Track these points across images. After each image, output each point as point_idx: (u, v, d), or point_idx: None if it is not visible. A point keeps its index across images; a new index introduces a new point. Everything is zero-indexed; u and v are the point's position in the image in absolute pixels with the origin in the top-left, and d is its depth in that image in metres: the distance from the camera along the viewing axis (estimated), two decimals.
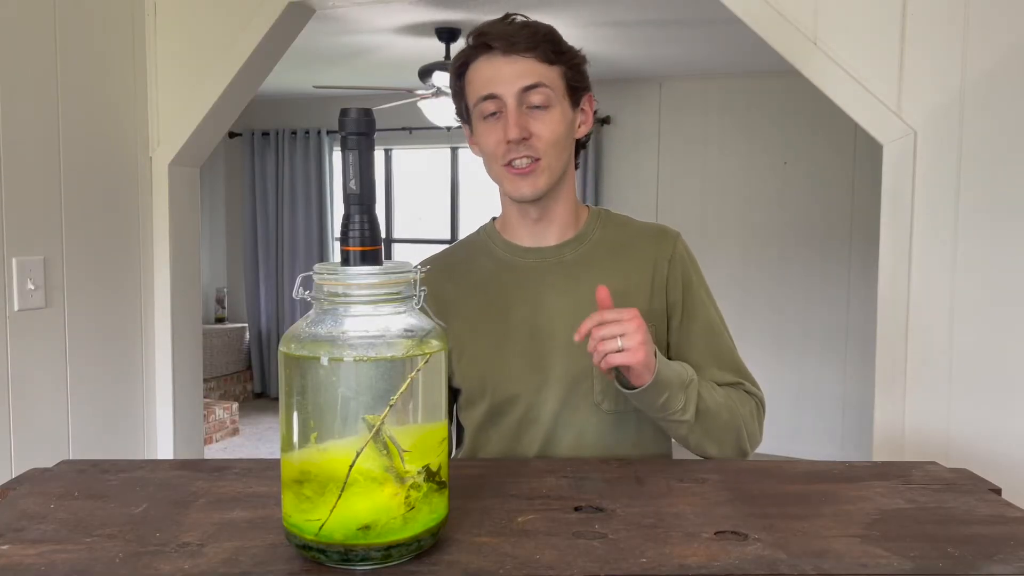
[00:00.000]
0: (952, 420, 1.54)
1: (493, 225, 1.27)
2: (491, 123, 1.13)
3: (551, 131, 1.12)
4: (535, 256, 1.20)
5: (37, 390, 1.74)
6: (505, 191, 1.17)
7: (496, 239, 1.24)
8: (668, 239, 1.22)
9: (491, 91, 1.11)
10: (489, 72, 1.12)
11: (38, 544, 0.74)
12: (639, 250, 1.21)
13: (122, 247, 1.99)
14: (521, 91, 1.10)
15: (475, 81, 1.14)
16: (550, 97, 1.12)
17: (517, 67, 1.10)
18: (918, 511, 0.84)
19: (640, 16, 3.73)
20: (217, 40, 1.99)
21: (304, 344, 0.70)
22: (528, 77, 1.10)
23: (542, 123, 1.11)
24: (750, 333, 5.04)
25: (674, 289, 1.20)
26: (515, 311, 1.17)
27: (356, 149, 0.72)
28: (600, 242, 1.22)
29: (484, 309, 1.19)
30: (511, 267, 1.21)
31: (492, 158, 1.15)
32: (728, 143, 5.07)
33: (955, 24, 1.50)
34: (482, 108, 1.13)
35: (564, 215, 1.20)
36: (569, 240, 1.21)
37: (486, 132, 1.14)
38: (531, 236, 1.21)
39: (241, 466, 0.97)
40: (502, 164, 1.13)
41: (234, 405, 5.35)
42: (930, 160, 1.53)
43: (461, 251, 1.28)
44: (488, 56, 1.12)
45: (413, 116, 5.16)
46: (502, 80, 1.11)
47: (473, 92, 1.14)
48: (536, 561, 0.71)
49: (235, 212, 6.39)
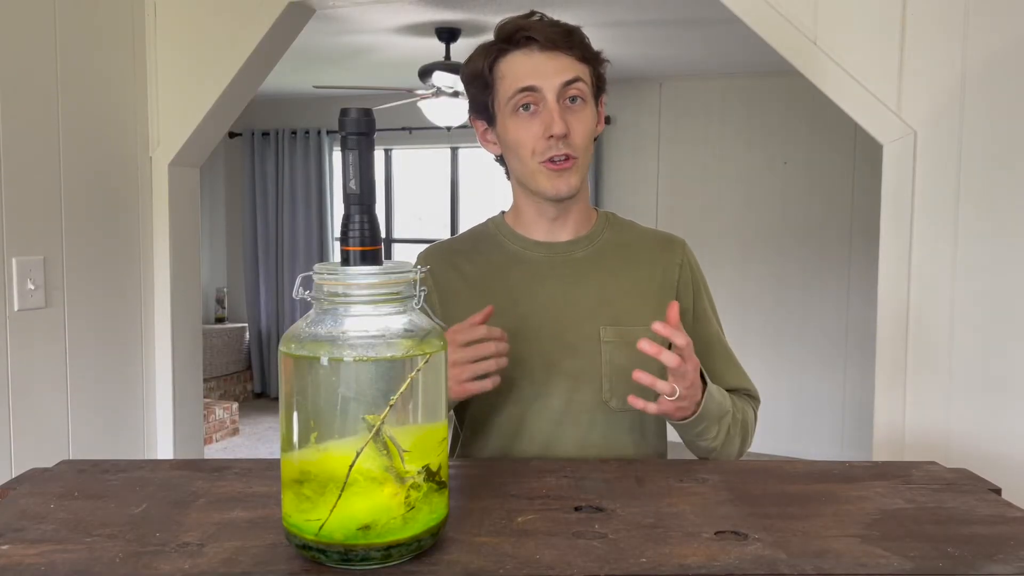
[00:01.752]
0: (952, 420, 1.54)
1: (503, 218, 1.26)
2: (526, 118, 1.12)
3: (586, 128, 1.13)
4: (546, 250, 1.20)
5: (37, 390, 1.74)
6: (539, 188, 1.14)
7: (506, 231, 1.23)
8: (677, 245, 1.25)
9: (531, 83, 1.10)
10: (529, 65, 1.11)
11: (38, 544, 0.74)
12: (647, 253, 1.22)
13: (122, 247, 1.99)
14: (562, 86, 1.10)
15: (511, 74, 1.12)
16: (584, 93, 1.13)
17: (557, 63, 1.11)
18: (918, 511, 0.84)
19: (640, 16, 3.73)
20: (217, 40, 1.99)
21: (304, 344, 0.70)
22: (568, 72, 1.11)
23: (578, 119, 1.12)
24: (750, 333, 5.04)
25: (685, 295, 1.21)
26: (523, 303, 1.17)
27: (356, 149, 0.72)
28: (610, 243, 1.22)
29: (490, 299, 1.18)
30: (521, 259, 1.21)
31: (526, 153, 1.13)
32: (728, 143, 5.07)
33: (955, 24, 1.50)
34: (518, 100, 1.11)
35: (579, 215, 1.21)
36: (581, 238, 1.21)
37: (520, 126, 1.12)
38: (545, 232, 1.21)
39: (241, 466, 0.97)
40: (540, 160, 1.12)
41: (234, 405, 5.35)
42: (930, 160, 1.53)
43: (467, 241, 1.27)
44: (526, 50, 1.11)
45: (413, 116, 5.16)
46: (543, 74, 1.10)
47: (508, 85, 1.12)
48: (536, 561, 0.71)
49: (235, 212, 6.39)
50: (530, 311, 1.17)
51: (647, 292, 1.19)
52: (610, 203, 5.28)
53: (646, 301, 1.17)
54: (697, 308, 1.23)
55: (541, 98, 1.11)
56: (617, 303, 1.17)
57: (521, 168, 1.16)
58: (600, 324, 1.15)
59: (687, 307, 1.21)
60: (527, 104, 1.11)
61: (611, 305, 1.17)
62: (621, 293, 1.18)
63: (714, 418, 1.08)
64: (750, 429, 1.19)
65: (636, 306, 1.17)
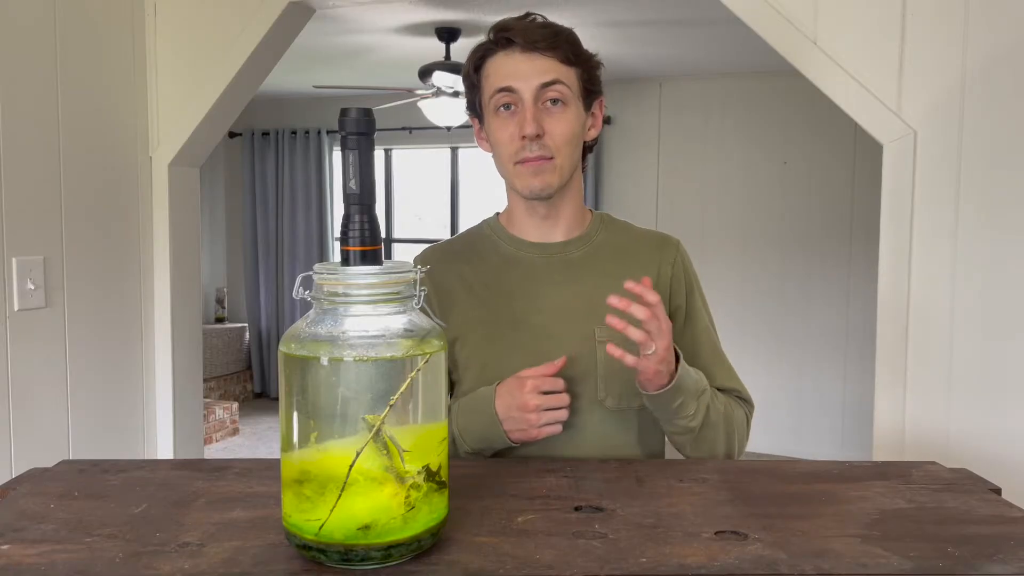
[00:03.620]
0: (952, 420, 1.54)
1: (497, 219, 1.27)
2: (505, 117, 1.14)
3: (565, 130, 1.13)
4: (540, 251, 1.21)
5: (37, 390, 1.74)
6: (515, 187, 1.17)
7: (501, 233, 1.24)
8: (670, 245, 1.25)
9: (508, 84, 1.12)
10: (508, 67, 1.13)
11: (38, 544, 0.74)
12: (642, 254, 1.23)
13: (122, 247, 1.99)
14: (539, 88, 1.11)
15: (492, 74, 1.14)
16: (566, 96, 1.13)
17: (536, 64, 1.12)
18: (918, 511, 0.84)
19: (640, 16, 3.73)
20: (217, 40, 1.99)
21: (304, 344, 0.70)
22: (546, 74, 1.11)
23: (556, 121, 1.13)
24: (750, 333, 5.04)
25: (678, 293, 1.22)
26: (518, 304, 1.18)
27: (356, 149, 0.72)
28: (604, 243, 1.23)
29: (486, 301, 1.19)
30: (515, 261, 1.21)
31: (504, 153, 1.15)
32: (728, 143, 5.07)
33: (955, 24, 1.50)
34: (497, 100, 1.13)
35: (571, 215, 1.22)
36: (575, 239, 1.22)
37: (499, 126, 1.15)
38: (538, 232, 1.22)
39: (241, 466, 0.97)
40: (514, 161, 1.14)
41: (234, 405, 5.35)
42: (930, 160, 1.53)
43: (463, 242, 1.28)
44: (508, 51, 1.13)
45: (413, 116, 5.15)
46: (520, 75, 1.12)
47: (490, 85, 1.15)
48: (536, 561, 0.71)
49: (235, 212, 6.38)
50: (525, 312, 1.17)
51: None
52: (610, 203, 5.28)
53: None
54: (689, 307, 1.23)
55: (519, 99, 1.12)
56: None
57: (501, 167, 1.18)
58: (595, 324, 1.15)
59: (679, 305, 1.22)
60: (507, 104, 1.13)
61: (605, 305, 1.17)
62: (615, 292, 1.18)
63: (691, 393, 1.08)
64: (737, 428, 1.18)
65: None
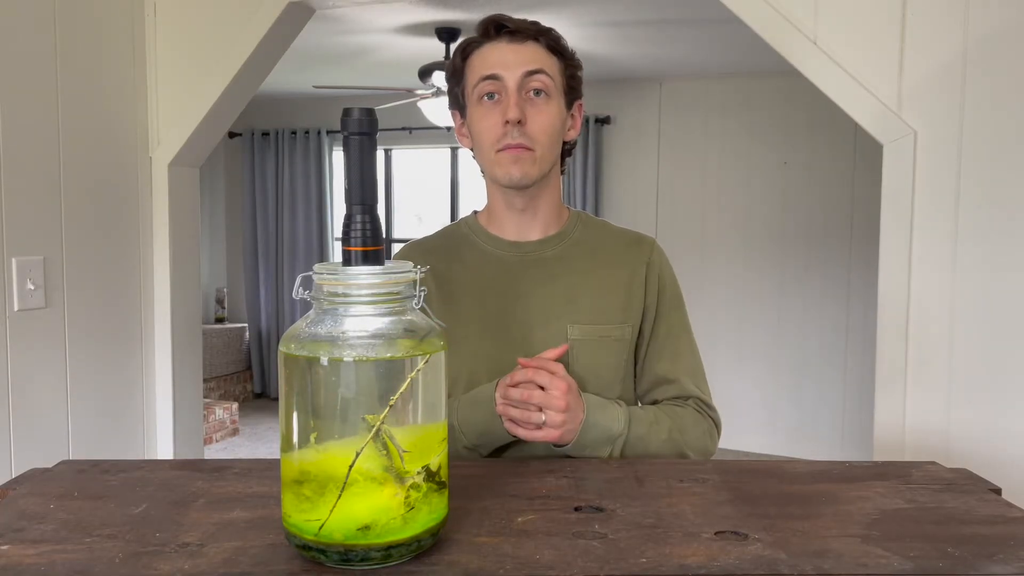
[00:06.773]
0: (952, 420, 1.54)
1: (475, 218, 1.28)
2: (488, 106, 1.14)
3: (546, 121, 1.13)
4: (516, 250, 1.21)
5: (37, 390, 1.74)
6: (495, 175, 1.17)
7: (478, 231, 1.25)
8: (645, 245, 1.25)
9: (494, 72, 1.13)
10: (494, 55, 1.14)
11: (38, 544, 0.74)
12: (616, 253, 1.23)
13: (122, 247, 1.99)
14: (523, 76, 1.12)
15: (478, 63, 1.15)
16: (549, 87, 1.14)
17: (521, 54, 1.13)
18: (918, 511, 0.84)
19: (640, 16, 3.73)
20: (217, 40, 1.99)
21: (304, 344, 0.70)
22: (531, 63, 1.12)
23: (539, 111, 1.13)
24: (750, 333, 5.05)
25: (650, 293, 1.22)
26: (494, 303, 1.19)
27: (359, 149, 0.72)
28: (580, 242, 1.23)
29: (462, 299, 1.19)
30: (492, 259, 1.22)
31: (485, 141, 1.15)
32: (728, 143, 5.07)
33: (955, 24, 1.50)
34: (481, 88, 1.14)
35: (548, 211, 1.22)
36: (551, 237, 1.22)
37: (482, 115, 1.15)
38: (515, 229, 1.22)
39: (241, 466, 0.97)
40: (496, 149, 1.14)
41: (234, 405, 5.35)
42: (930, 160, 1.53)
43: (440, 240, 1.29)
44: (494, 41, 1.14)
45: (413, 116, 5.16)
46: (506, 63, 1.12)
47: (474, 74, 1.15)
48: (536, 561, 0.71)
49: (235, 212, 6.38)
50: (499, 310, 1.18)
51: (614, 291, 1.20)
52: (610, 203, 5.28)
53: (613, 300, 1.19)
54: (659, 308, 1.23)
55: (503, 87, 1.13)
56: (584, 302, 1.18)
57: (482, 157, 1.18)
58: (567, 322, 1.16)
59: (650, 303, 1.22)
60: (491, 93, 1.14)
61: (578, 304, 1.18)
62: (588, 292, 1.19)
63: (600, 443, 1.08)
64: (690, 444, 1.15)
65: (603, 305, 1.19)
